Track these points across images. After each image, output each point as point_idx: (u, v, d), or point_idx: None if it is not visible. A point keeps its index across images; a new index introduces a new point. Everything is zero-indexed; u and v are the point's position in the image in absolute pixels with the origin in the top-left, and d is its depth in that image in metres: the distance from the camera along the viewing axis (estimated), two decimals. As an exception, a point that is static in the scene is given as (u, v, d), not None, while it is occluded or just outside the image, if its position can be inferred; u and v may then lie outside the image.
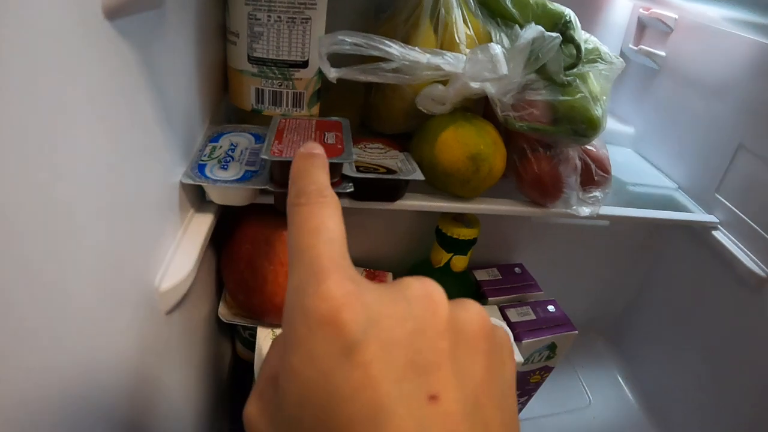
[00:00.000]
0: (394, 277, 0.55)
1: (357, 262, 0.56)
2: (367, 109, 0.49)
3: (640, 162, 0.67)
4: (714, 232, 0.58)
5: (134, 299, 0.31)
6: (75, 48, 0.21)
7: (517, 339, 0.49)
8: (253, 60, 0.44)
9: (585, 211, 0.49)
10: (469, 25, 0.46)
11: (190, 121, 0.41)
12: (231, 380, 0.59)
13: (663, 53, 0.66)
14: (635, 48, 0.69)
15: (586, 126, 0.46)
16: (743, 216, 0.55)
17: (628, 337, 0.74)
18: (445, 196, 0.45)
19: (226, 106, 0.49)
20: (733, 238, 0.57)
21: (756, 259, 0.54)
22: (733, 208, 0.57)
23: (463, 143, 0.42)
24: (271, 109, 0.45)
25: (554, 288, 0.58)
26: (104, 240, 0.25)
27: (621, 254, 0.72)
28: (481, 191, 0.44)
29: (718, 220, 0.58)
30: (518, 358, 0.45)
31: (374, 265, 0.56)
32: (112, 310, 0.27)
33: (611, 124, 0.62)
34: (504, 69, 0.42)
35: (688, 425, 0.62)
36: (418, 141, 0.45)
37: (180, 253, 0.39)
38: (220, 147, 0.43)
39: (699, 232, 0.60)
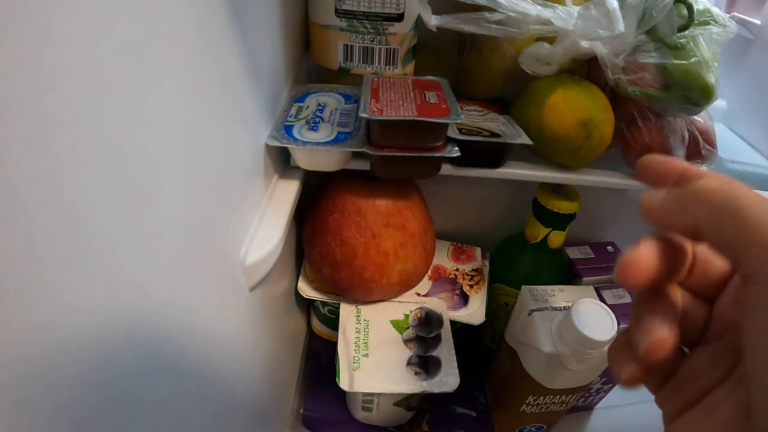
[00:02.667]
0: (483, 253, 0.52)
1: (445, 236, 0.52)
2: (459, 72, 0.45)
3: (732, 138, 0.62)
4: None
5: (218, 275, 0.28)
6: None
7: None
8: (341, 13, 0.40)
9: (693, 186, 0.45)
10: (576, -23, 0.42)
11: (275, 79, 0.38)
12: (305, 358, 0.56)
13: (758, 21, 0.61)
14: (727, 15, 0.64)
15: (700, 93, 0.42)
16: None
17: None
18: (549, 165, 0.41)
19: (308, 65, 0.45)
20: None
21: None
22: (836, 189, 0.52)
23: (574, 108, 0.38)
24: (361, 67, 0.41)
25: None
26: (187, 206, 0.22)
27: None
28: (589, 160, 0.41)
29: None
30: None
31: (462, 239, 0.52)
32: (195, 286, 0.24)
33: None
34: (621, 26, 0.38)
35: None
36: (522, 104, 0.41)
37: (265, 223, 0.36)
38: (307, 107, 0.40)
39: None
